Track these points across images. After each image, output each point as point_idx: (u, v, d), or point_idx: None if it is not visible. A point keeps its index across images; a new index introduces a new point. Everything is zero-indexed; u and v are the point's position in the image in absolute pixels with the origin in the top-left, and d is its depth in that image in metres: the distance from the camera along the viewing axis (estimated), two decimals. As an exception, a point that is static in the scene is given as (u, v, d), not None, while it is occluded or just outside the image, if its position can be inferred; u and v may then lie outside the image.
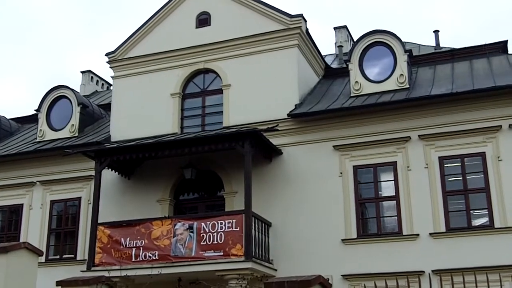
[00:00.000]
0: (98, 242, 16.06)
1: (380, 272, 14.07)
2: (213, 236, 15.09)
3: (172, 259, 15.21)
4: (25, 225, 19.54)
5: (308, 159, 16.70)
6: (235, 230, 14.98)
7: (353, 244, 15.74)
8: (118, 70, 19.68)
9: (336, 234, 15.85)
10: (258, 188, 16.24)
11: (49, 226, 19.32)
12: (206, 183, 17.89)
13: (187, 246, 15.27)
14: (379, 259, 15.14)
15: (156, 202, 17.72)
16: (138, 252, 15.56)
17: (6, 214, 20.29)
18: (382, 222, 15.97)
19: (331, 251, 15.71)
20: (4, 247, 8.52)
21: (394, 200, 15.87)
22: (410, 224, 15.43)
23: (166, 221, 15.83)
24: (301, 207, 16.31)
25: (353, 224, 15.88)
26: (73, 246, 18.81)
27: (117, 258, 15.57)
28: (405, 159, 15.94)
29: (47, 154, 19.59)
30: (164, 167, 17.77)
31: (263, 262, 15.35)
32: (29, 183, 19.78)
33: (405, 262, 14.81)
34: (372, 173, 16.27)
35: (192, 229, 15.33)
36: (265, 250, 15.87)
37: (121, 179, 18.28)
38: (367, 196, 16.29)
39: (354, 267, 15.29)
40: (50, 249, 19.04)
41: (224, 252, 14.89)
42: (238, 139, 15.67)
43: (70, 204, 19.44)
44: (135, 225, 15.99)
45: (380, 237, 15.69)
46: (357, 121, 16.54)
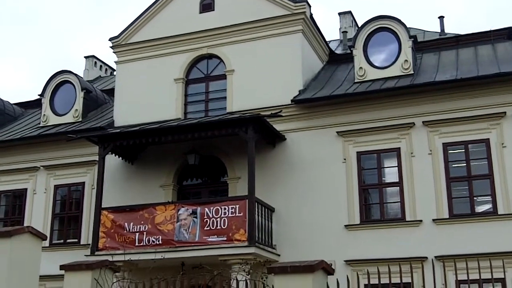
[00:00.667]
0: (101, 226, 16.13)
1: (383, 257, 14.06)
2: (216, 221, 15.13)
3: (175, 244, 15.27)
4: (29, 210, 19.62)
5: (312, 145, 16.68)
6: (239, 215, 15.01)
7: (356, 230, 15.76)
8: (121, 55, 19.64)
9: (339, 220, 15.87)
10: (262, 173, 16.24)
11: (53, 211, 19.39)
12: (210, 168, 17.90)
13: (191, 231, 15.32)
14: (382, 245, 15.16)
15: (160, 187, 17.75)
16: (142, 237, 15.62)
17: (10, 198, 20.37)
18: (385, 208, 15.98)
19: (334, 236, 15.74)
20: (7, 231, 8.52)
21: (398, 186, 15.86)
22: (413, 210, 15.44)
23: (170, 206, 15.87)
24: (305, 193, 16.32)
25: (356, 210, 15.89)
26: (76, 231, 18.89)
27: (120, 243, 15.66)
28: (409, 145, 15.92)
29: (50, 139, 19.61)
30: (168, 153, 17.78)
31: (266, 247, 15.40)
32: (33, 168, 19.83)
33: (408, 248, 14.82)
34: (375, 159, 16.25)
35: (196, 214, 15.37)
36: (268, 235, 15.91)
37: (124, 164, 18.30)
38: (370, 182, 16.29)
39: (357, 253, 15.32)
40: (54, 234, 19.12)
41: (227, 237, 14.94)
42: (242, 124, 15.65)
43: (73, 189, 19.49)
44: (138, 210, 16.05)
45: (383, 223, 15.71)
46: (361, 107, 16.50)
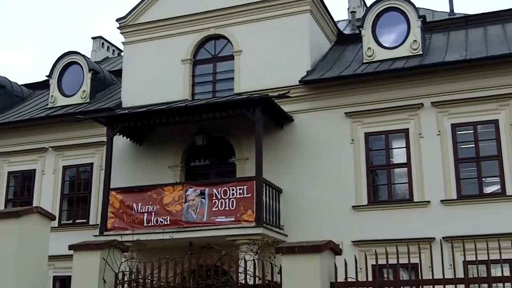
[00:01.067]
0: (110, 207, 16.21)
1: (391, 238, 14.07)
2: (224, 202, 15.17)
3: (183, 224, 15.33)
4: (38, 191, 19.72)
5: (320, 126, 16.64)
6: (246, 196, 15.04)
7: (363, 210, 15.77)
8: (129, 36, 19.59)
9: (346, 201, 15.88)
10: (269, 154, 16.24)
11: (61, 192, 19.50)
12: (217, 149, 17.91)
13: (199, 211, 15.37)
14: (390, 226, 15.17)
15: (168, 168, 17.79)
16: (150, 217, 15.69)
17: (18, 179, 20.48)
18: (393, 189, 15.96)
19: (341, 217, 15.75)
20: (16, 212, 8.55)
21: (406, 167, 15.84)
22: (421, 191, 15.42)
23: (178, 187, 15.92)
24: (312, 174, 16.31)
25: (364, 191, 15.88)
26: (85, 211, 19.00)
27: (129, 223, 15.75)
28: (417, 126, 15.85)
29: (59, 120, 19.66)
30: (176, 134, 17.79)
31: (273, 228, 15.44)
32: (41, 148, 19.90)
33: (415, 229, 14.82)
34: (383, 140, 16.21)
35: (204, 195, 15.41)
36: (276, 216, 15.94)
37: (132, 145, 18.33)
38: (378, 163, 16.26)
39: (364, 234, 15.33)
40: (63, 214, 19.24)
41: (235, 218, 14.99)
42: (249, 105, 15.62)
43: (82, 170, 19.57)
44: (146, 190, 16.10)
45: (391, 204, 15.71)
46: (370, 87, 16.42)
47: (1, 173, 20.46)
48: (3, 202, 19.97)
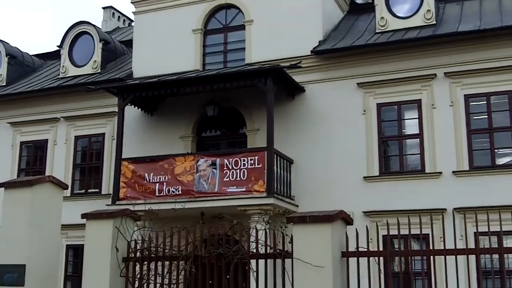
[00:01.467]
0: (122, 177, 16.30)
1: (402, 209, 14.06)
2: (235, 172, 15.21)
3: (195, 194, 15.41)
4: (50, 161, 19.84)
5: (332, 96, 16.54)
6: (257, 167, 15.06)
7: (375, 181, 15.75)
8: (139, 5, 19.45)
9: (358, 172, 15.85)
10: (281, 125, 16.20)
11: (73, 161, 19.60)
12: (228, 120, 17.88)
13: (210, 182, 15.43)
14: (401, 197, 15.15)
15: (179, 139, 17.80)
16: (162, 187, 15.77)
17: (31, 149, 20.61)
18: (405, 160, 15.92)
19: (352, 188, 15.74)
20: (29, 181, 8.62)
21: (418, 138, 15.76)
22: (433, 162, 15.36)
23: (189, 157, 15.96)
24: (324, 145, 16.27)
25: (375, 162, 15.85)
26: (97, 181, 19.12)
27: (141, 193, 15.85)
28: (430, 97, 15.73)
29: (70, 90, 19.69)
30: (187, 104, 17.76)
31: (284, 198, 15.48)
32: (53, 119, 19.97)
33: (427, 200, 14.78)
34: (396, 111, 16.10)
35: (215, 166, 15.44)
36: (287, 186, 15.97)
37: (144, 115, 18.34)
38: (390, 134, 16.18)
39: (376, 204, 15.32)
40: (75, 184, 19.38)
41: (246, 188, 15.04)
42: (261, 76, 15.53)
43: (94, 140, 19.64)
44: (158, 160, 16.16)
45: (403, 175, 15.68)
46: (382, 58, 16.26)
47: (14, 143, 20.58)
48: (16, 172, 20.12)
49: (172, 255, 7.57)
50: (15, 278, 8.18)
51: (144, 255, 7.76)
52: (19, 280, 8.15)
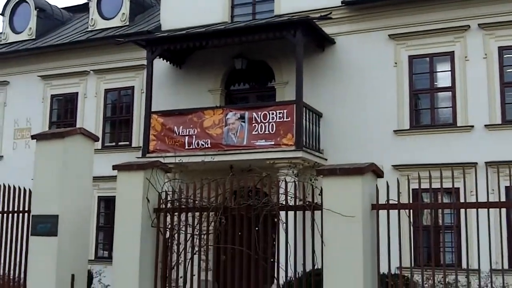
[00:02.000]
0: (152, 130, 16.41)
1: (432, 163, 13.92)
2: (264, 126, 15.19)
3: (224, 148, 15.46)
4: (81, 114, 20.03)
5: (362, 48, 16.27)
6: (286, 120, 15.01)
7: (405, 135, 15.59)
8: (167, -44, 19.22)
9: (388, 125, 15.69)
10: (310, 78, 16.04)
11: (104, 114, 19.76)
12: (257, 73, 17.76)
13: (239, 135, 15.45)
14: (432, 151, 14.98)
15: (208, 92, 17.78)
16: (191, 140, 15.85)
17: (61, 103, 20.80)
18: (436, 114, 15.71)
19: (382, 142, 15.61)
20: (60, 133, 8.69)
21: (450, 91, 15.49)
22: (465, 115, 15.12)
23: (218, 111, 15.96)
24: (353, 98, 16.09)
25: (406, 115, 15.66)
26: (128, 134, 19.30)
27: (170, 146, 15.97)
28: (463, 48, 15.37)
29: (99, 43, 19.72)
30: (215, 57, 17.66)
31: (313, 152, 15.45)
32: (82, 72, 20.07)
33: (458, 153, 14.60)
34: (428, 63, 15.80)
35: (244, 119, 15.43)
36: (316, 140, 15.91)
37: (172, 68, 18.31)
38: (421, 87, 15.92)
39: (406, 158, 15.18)
40: (106, 137, 19.57)
41: (275, 142, 15.03)
42: (290, 28, 15.32)
43: (123, 93, 19.74)
44: (187, 114, 16.20)
45: (434, 128, 15.49)
46: (414, 8, 15.87)
47: (44, 96, 20.78)
48: (47, 125, 20.37)
49: (202, 206, 7.63)
50: (48, 228, 8.34)
51: (175, 206, 7.83)
52: (52, 230, 8.30)
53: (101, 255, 18.56)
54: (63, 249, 8.28)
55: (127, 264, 7.71)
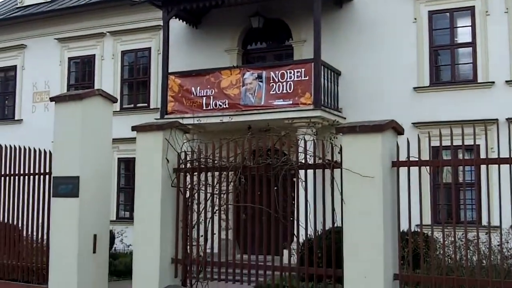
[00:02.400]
0: (169, 91, 16.41)
1: (453, 120, 13.76)
2: (282, 85, 15.10)
3: (241, 108, 15.42)
4: (98, 76, 20.05)
5: (381, 4, 16.00)
6: (304, 79, 14.90)
7: (425, 92, 15.43)
8: None
9: (408, 82, 15.53)
10: (328, 35, 15.82)
11: (121, 76, 19.78)
12: (274, 31, 17.57)
13: (257, 95, 15.38)
14: (452, 107, 14.81)
15: (224, 52, 17.66)
16: (209, 101, 15.82)
17: (79, 65, 20.83)
18: (457, 70, 15.52)
19: (402, 99, 15.46)
20: (78, 94, 8.69)
21: (470, 47, 15.25)
22: (485, 71, 14.90)
23: (235, 71, 15.87)
24: (372, 55, 15.89)
25: (426, 72, 15.47)
26: (145, 95, 19.32)
27: (188, 107, 15.97)
28: (484, 3, 15.06)
29: (114, 4, 19.59)
30: (231, 16, 17.48)
31: (332, 111, 15.35)
32: (99, 34, 20.02)
33: (479, 110, 14.43)
34: (448, 18, 15.53)
35: (261, 79, 15.34)
36: (334, 99, 15.81)
37: (189, 28, 18.19)
38: (441, 43, 15.69)
39: (426, 115, 15.04)
40: (124, 98, 19.62)
41: (293, 101, 14.96)
42: (307, -16, 15.09)
43: (140, 55, 19.70)
44: (204, 74, 16.15)
45: (454, 85, 15.31)
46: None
47: (62, 59, 20.80)
48: (66, 88, 20.44)
49: (222, 165, 7.64)
50: (70, 189, 8.41)
51: (194, 166, 7.84)
52: (73, 192, 8.37)
53: (123, 215, 18.79)
54: (84, 210, 8.36)
55: (148, 224, 7.78)
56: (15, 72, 21.79)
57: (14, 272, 9.29)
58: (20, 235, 9.44)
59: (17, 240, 9.41)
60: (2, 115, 22.22)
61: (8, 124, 21.38)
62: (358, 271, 6.36)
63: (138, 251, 7.94)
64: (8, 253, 9.48)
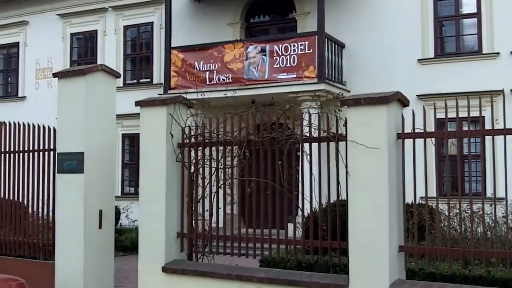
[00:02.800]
0: (172, 66, 16.33)
1: (458, 91, 13.68)
2: (285, 58, 15.01)
3: (245, 82, 15.36)
4: (101, 51, 19.98)
5: (385, -24, 15.83)
6: (308, 52, 14.81)
7: (429, 63, 15.33)
8: None
9: (412, 54, 15.42)
10: (331, 8, 15.69)
11: (124, 52, 19.70)
12: (277, 4, 17.43)
13: (260, 69, 15.30)
14: (457, 79, 14.73)
15: (227, 25, 17.55)
16: (212, 76, 15.76)
17: (81, 41, 20.73)
18: (461, 41, 15.40)
19: (406, 71, 15.37)
20: (81, 70, 8.64)
21: (475, 18, 15.11)
22: (491, 42, 14.79)
23: (238, 44, 15.77)
24: (376, 27, 15.76)
25: (430, 43, 15.36)
26: (148, 71, 19.27)
27: (192, 81, 15.92)
28: (490, -28, 14.88)
29: (116, -21, 19.47)
30: (234, -11, 17.35)
31: (336, 84, 15.28)
32: (101, 9, 19.90)
33: (484, 81, 14.33)
34: (452, -11, 15.39)
35: (265, 52, 15.25)
36: (338, 72, 15.72)
37: (191, 2, 18.05)
38: (446, 14, 15.56)
39: (431, 87, 14.96)
40: (127, 74, 19.58)
41: (297, 75, 14.89)
42: (310, -44, 14.91)
43: (142, 30, 19.60)
44: (207, 48, 16.06)
45: (459, 56, 15.22)
46: None
47: (64, 35, 20.70)
48: (68, 64, 20.37)
49: (226, 140, 7.61)
50: (74, 165, 8.41)
51: (199, 140, 7.82)
52: (78, 168, 8.37)
53: (128, 191, 18.86)
54: (89, 186, 8.37)
55: (154, 199, 7.78)
56: (17, 49, 21.73)
57: (20, 248, 9.34)
58: (26, 212, 9.47)
59: (23, 217, 9.44)
60: (6, 92, 22.22)
61: (12, 101, 21.38)
62: (363, 243, 6.36)
63: (143, 226, 7.95)
64: (15, 230, 9.52)
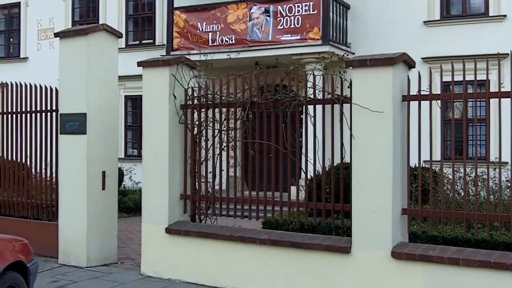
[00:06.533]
0: (175, 27, 16.17)
1: (464, 54, 13.52)
2: (290, 19, 14.83)
3: (248, 44, 15.21)
4: (103, 12, 19.76)
5: None
6: (312, 13, 14.62)
7: (435, 26, 15.13)
8: None
9: (417, 16, 15.21)
10: (337, -32, 15.44)
11: (126, 12, 19.48)
12: (282, -36, 17.12)
13: (264, 30, 15.14)
14: (463, 42, 14.53)
15: (231, -14, 17.27)
16: (215, 37, 15.60)
17: (83, 1, 20.51)
18: (468, 3, 15.18)
19: (412, 33, 15.17)
20: (83, 29, 8.54)
21: (483, -20, 14.86)
22: (497, 4, 14.57)
23: (242, 5, 15.57)
24: (382, -12, 15.53)
25: (436, 5, 15.15)
26: (151, 32, 19.07)
27: (194, 42, 15.75)
28: None
29: None
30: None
31: (340, 46, 15.12)
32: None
33: (490, 44, 14.12)
34: (461, -49, 15.08)
35: (269, 13, 15.07)
36: (343, 33, 15.54)
37: (194, -38, 17.75)
38: (453, -25, 15.29)
39: (436, 50, 14.75)
40: (130, 35, 19.40)
41: (301, 36, 14.73)
42: None
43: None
44: (210, 9, 15.87)
45: (465, 19, 15.00)
46: None
47: (65, -6, 20.48)
48: (70, 24, 20.13)
49: (229, 102, 7.55)
50: (77, 126, 8.38)
51: (202, 102, 7.76)
52: (81, 129, 8.34)
53: (131, 153, 18.86)
54: (92, 147, 8.36)
55: (157, 160, 7.76)
56: (19, 9, 21.48)
57: (24, 209, 9.37)
58: (29, 173, 9.47)
59: (26, 178, 9.45)
60: (7, 53, 22.06)
61: (14, 62, 21.25)
62: (366, 206, 6.35)
63: (147, 188, 7.96)
64: (18, 191, 9.54)
